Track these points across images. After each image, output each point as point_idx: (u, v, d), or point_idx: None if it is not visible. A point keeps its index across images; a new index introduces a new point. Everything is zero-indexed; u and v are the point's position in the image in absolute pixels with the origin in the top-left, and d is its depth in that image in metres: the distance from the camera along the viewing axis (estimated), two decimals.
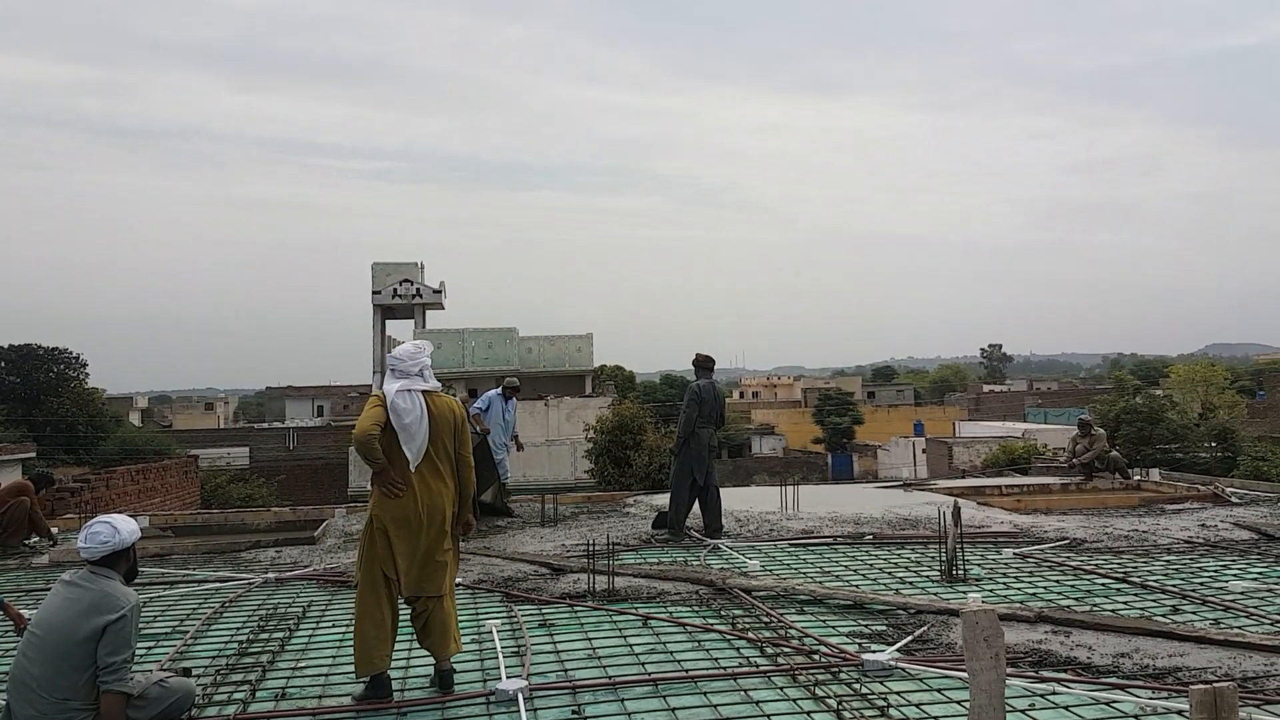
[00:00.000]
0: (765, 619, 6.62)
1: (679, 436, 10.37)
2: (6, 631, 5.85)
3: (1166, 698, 4.85)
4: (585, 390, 40.66)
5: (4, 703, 4.62)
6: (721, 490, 11.17)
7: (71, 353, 56.53)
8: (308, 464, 45.42)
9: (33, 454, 41.84)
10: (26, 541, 10.96)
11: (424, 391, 5.35)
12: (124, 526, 4.85)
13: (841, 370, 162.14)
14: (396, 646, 5.32)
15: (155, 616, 7.38)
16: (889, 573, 8.28)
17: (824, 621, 6.62)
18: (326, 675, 5.73)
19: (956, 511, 8.25)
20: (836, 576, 8.17)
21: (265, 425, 64.09)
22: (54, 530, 11.73)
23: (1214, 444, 32.70)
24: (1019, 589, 7.55)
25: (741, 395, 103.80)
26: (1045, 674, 5.28)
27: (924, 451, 57.11)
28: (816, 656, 5.70)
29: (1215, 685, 2.96)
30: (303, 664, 5.97)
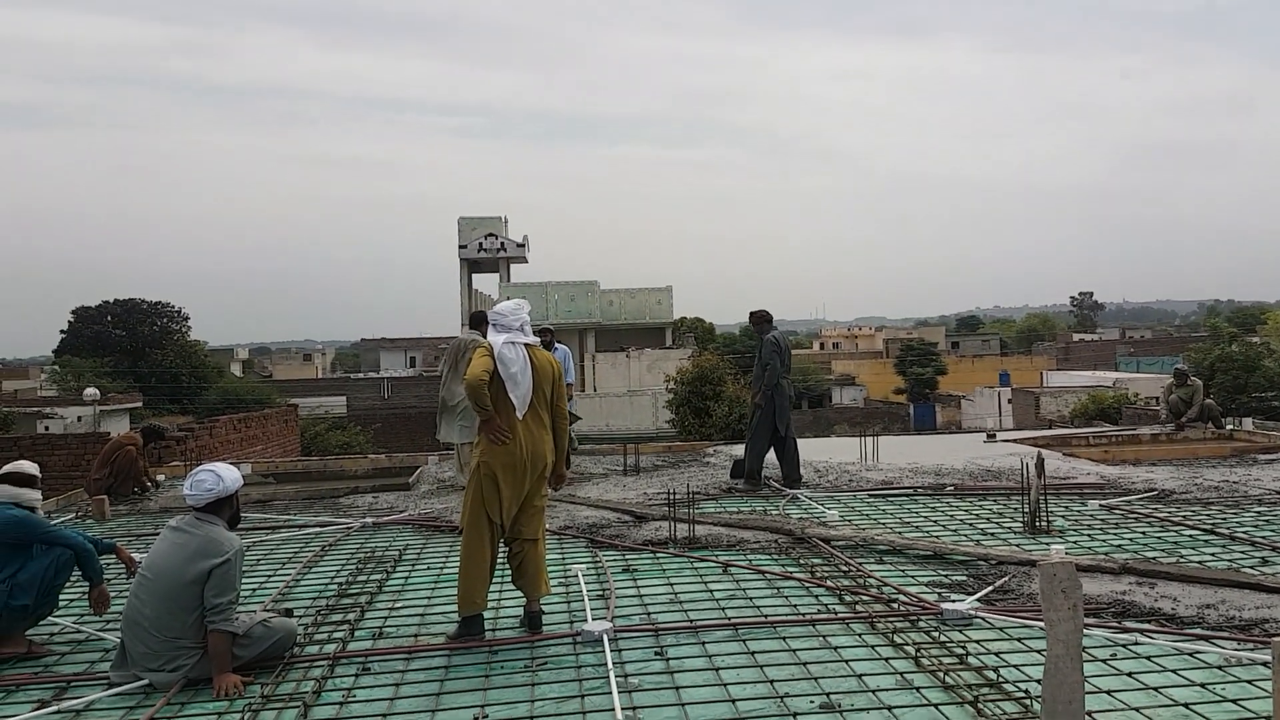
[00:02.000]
0: (844, 568, 6.70)
1: (764, 388, 10.36)
2: (121, 574, 6.25)
3: (1252, 649, 4.81)
4: (665, 342, 40.86)
5: (119, 639, 4.97)
6: (801, 441, 11.20)
7: (174, 307, 58.68)
8: (402, 412, 46.62)
9: (139, 404, 43.78)
10: (135, 490, 11.54)
11: (526, 345, 5.57)
12: (227, 475, 5.12)
13: (925, 320, 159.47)
14: (490, 588, 5.56)
15: (258, 560, 7.77)
16: (970, 524, 8.27)
17: (903, 571, 6.67)
18: (422, 614, 6.01)
19: (1040, 462, 8.18)
20: (916, 527, 8.19)
21: (361, 375, 65.89)
22: (159, 478, 12.31)
23: None
24: (1103, 541, 7.49)
25: (822, 346, 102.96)
26: (1128, 624, 5.28)
27: (1009, 402, 56.02)
28: (895, 605, 5.77)
29: None
30: (399, 604, 6.26)
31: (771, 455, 10.53)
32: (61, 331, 59.51)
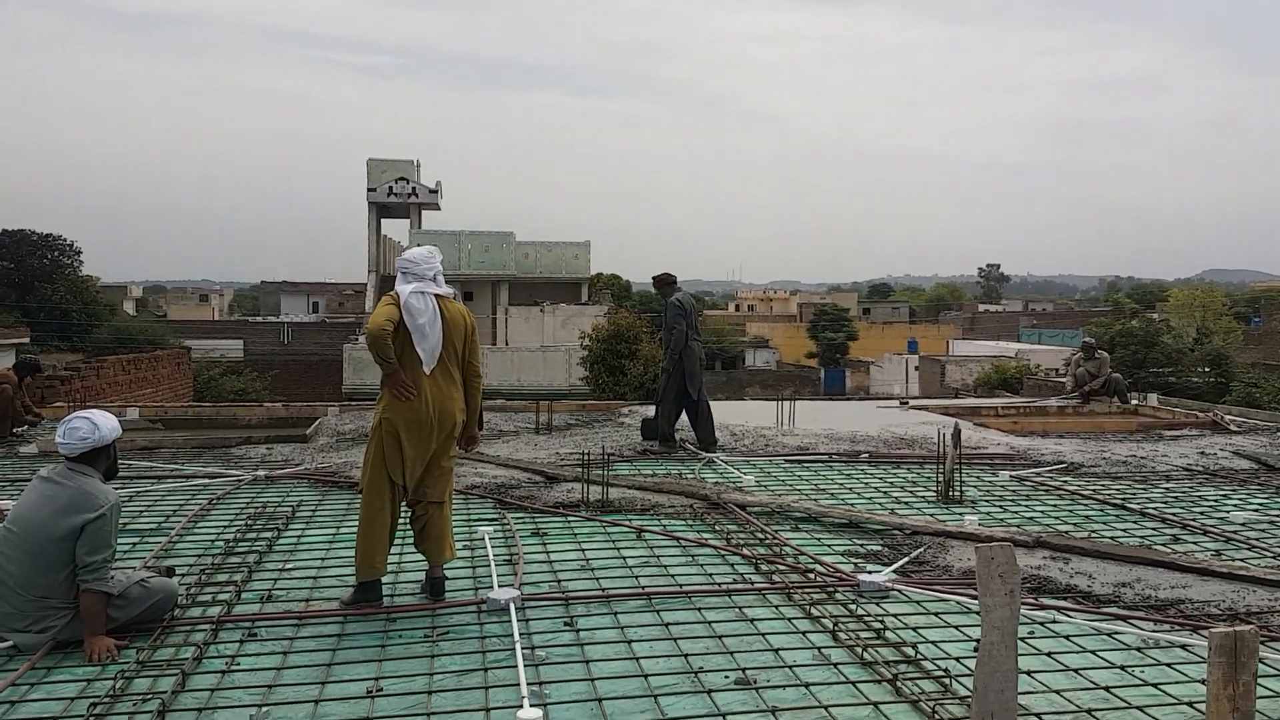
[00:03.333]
0: (760, 535, 6.54)
1: (671, 352, 10.17)
2: None
3: (1169, 630, 4.78)
4: (581, 298, 40.43)
5: None
6: (715, 404, 11.05)
7: (65, 239, 55.96)
8: (302, 359, 45.27)
9: (26, 339, 41.73)
10: (14, 431, 10.85)
11: (436, 295, 5.21)
12: (104, 423, 4.70)
13: (838, 286, 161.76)
14: (390, 551, 5.24)
15: (140, 512, 7.29)
16: (885, 492, 8.21)
17: (819, 540, 6.55)
18: (315, 577, 5.65)
19: (957, 433, 8.14)
20: (832, 494, 8.10)
21: (260, 319, 63.94)
22: (42, 416, 11.62)
23: (1208, 369, 32.79)
24: (1016, 512, 7.48)
25: (737, 308, 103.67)
26: (1045, 601, 5.22)
27: (916, 369, 57.26)
28: (812, 575, 5.63)
29: (1236, 628, 2.84)
30: (290, 565, 5.89)
31: (685, 420, 10.35)
32: None
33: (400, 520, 5.28)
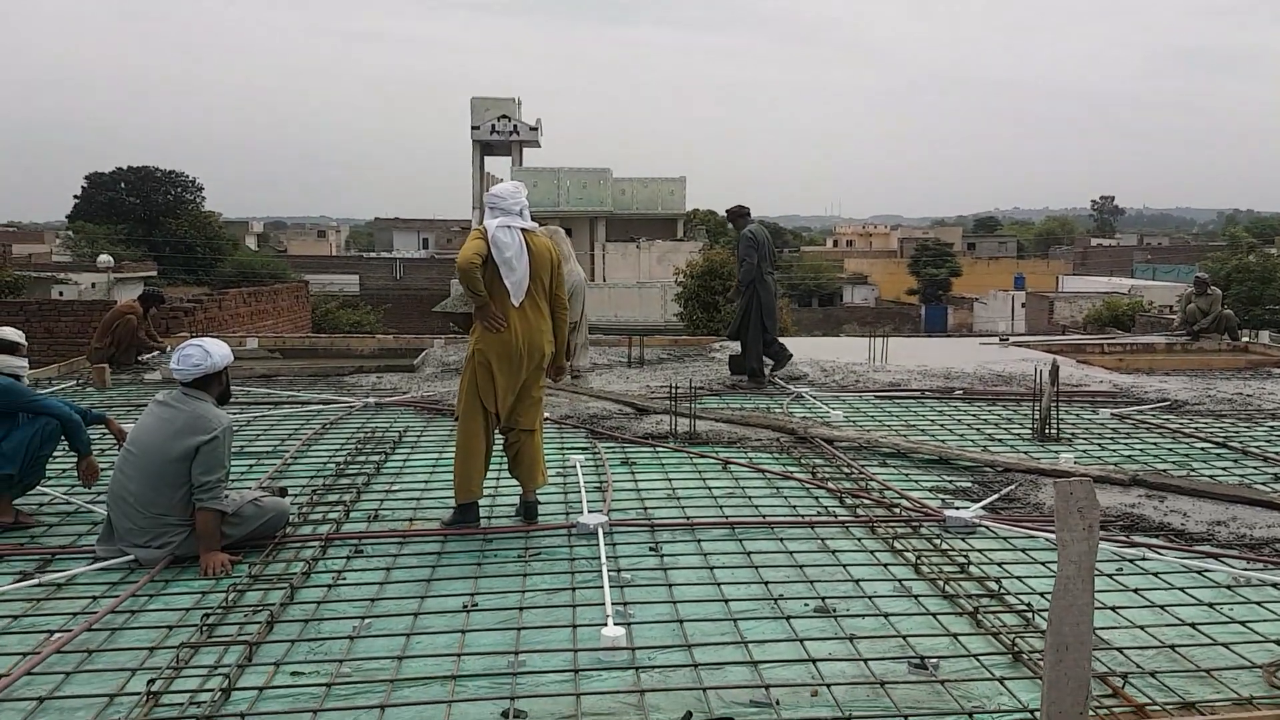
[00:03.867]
0: (846, 470, 6.59)
1: (742, 284, 10.16)
2: (112, 446, 6.16)
3: (1262, 569, 4.70)
4: (677, 234, 40.30)
5: (106, 514, 4.89)
6: (808, 339, 11.05)
7: (188, 176, 58.08)
8: (414, 294, 46.47)
9: (154, 273, 43.71)
10: (139, 358, 11.48)
11: (523, 230, 5.34)
12: (216, 350, 4.96)
13: (942, 220, 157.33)
14: (487, 476, 5.46)
15: (256, 436, 7.70)
16: (978, 429, 8.14)
17: (907, 475, 6.56)
18: (418, 499, 5.93)
19: (1054, 370, 7.99)
20: (922, 431, 8.06)
21: (374, 255, 65.60)
22: (165, 345, 12.27)
23: None
24: (1114, 451, 7.35)
25: (835, 244, 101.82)
26: (1136, 539, 5.16)
27: (1023, 306, 55.66)
28: (897, 510, 5.67)
29: None
30: (396, 488, 6.19)
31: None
32: (75, 197, 59.10)
33: (496, 446, 5.50)
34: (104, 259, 38.46)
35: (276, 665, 3.63)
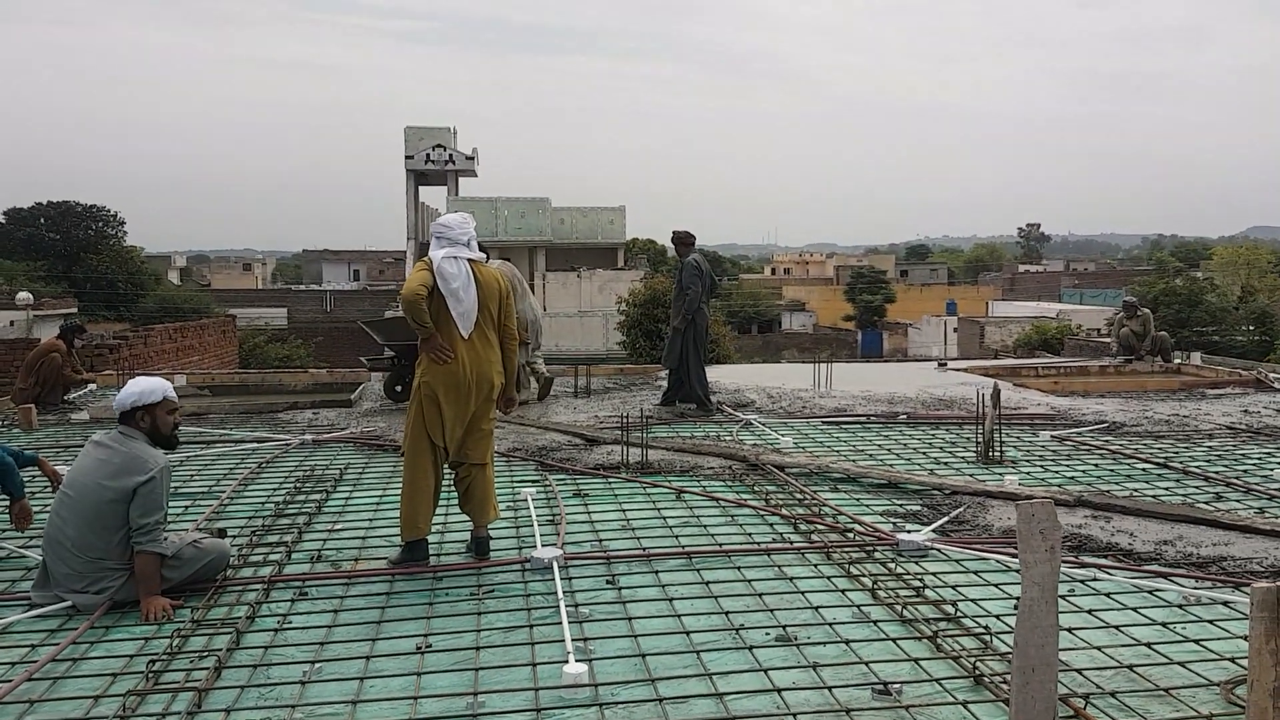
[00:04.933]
0: (799, 496, 6.59)
1: (684, 313, 10.18)
2: (45, 488, 5.92)
3: (1211, 587, 4.77)
4: (618, 263, 40.47)
5: (41, 559, 4.69)
6: (750, 366, 11.09)
7: (109, 210, 56.71)
8: (345, 326, 45.80)
9: (74, 309, 42.47)
10: (65, 398, 11.11)
11: (470, 260, 5.27)
12: (149, 386, 4.86)
13: (875, 248, 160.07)
14: (435, 512, 5.35)
15: (191, 476, 7.47)
16: (924, 453, 8.21)
17: (858, 500, 6.58)
18: (363, 538, 5.78)
19: (996, 393, 8.11)
20: (870, 455, 8.10)
21: (303, 287, 64.68)
22: (89, 380, 11.88)
23: (1252, 328, 32.26)
24: (1057, 472, 7.46)
25: (773, 271, 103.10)
26: (1085, 559, 5.22)
27: (955, 331, 56.73)
28: (851, 535, 5.67)
29: (1278, 584, 2.84)
30: (339, 527, 6.03)
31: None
32: None
33: (445, 481, 5.39)
34: (23, 296, 37.27)
35: (227, 712, 3.50)
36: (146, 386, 4.85)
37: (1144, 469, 7.56)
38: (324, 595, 4.78)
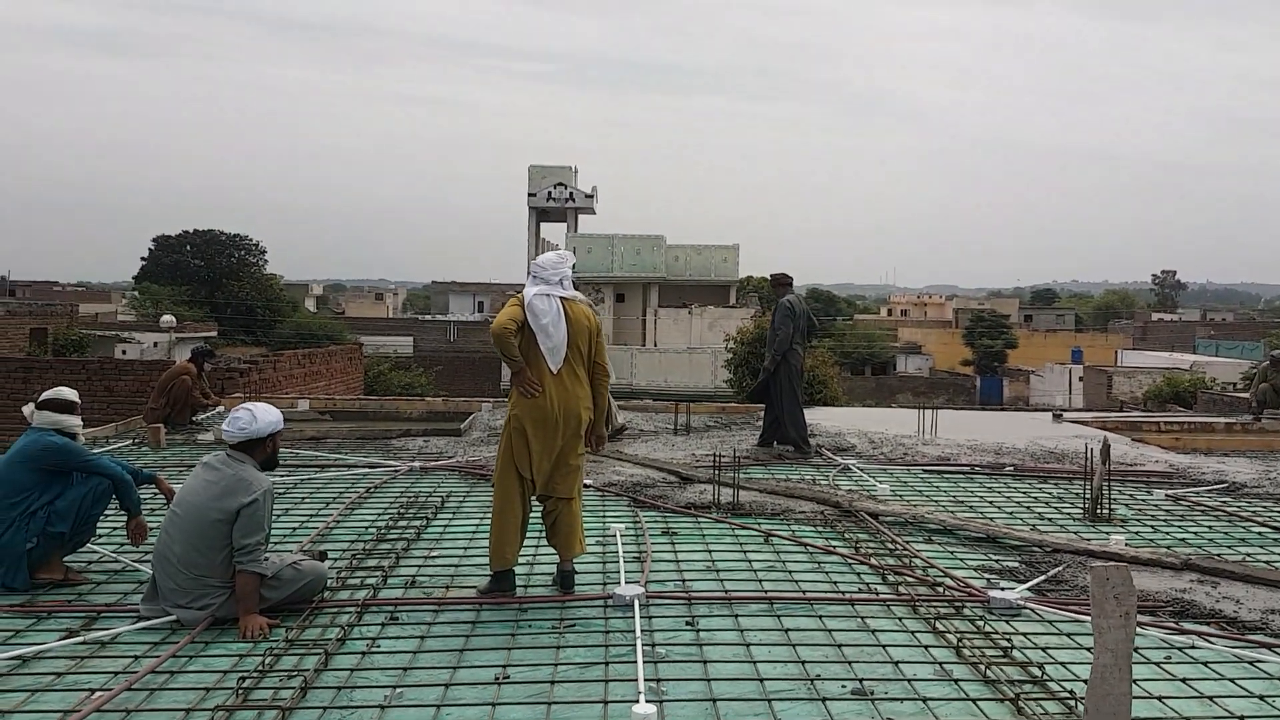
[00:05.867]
0: (890, 545, 6.49)
1: (773, 354, 10.20)
2: (162, 505, 6.28)
3: None
4: (730, 301, 40.52)
5: (150, 573, 4.99)
6: (860, 409, 10.96)
7: (251, 239, 59.64)
8: (467, 356, 47.15)
9: (214, 333, 44.79)
10: (193, 419, 11.73)
11: (562, 298, 5.41)
12: (263, 416, 5.07)
13: (998, 291, 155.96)
14: (524, 544, 5.47)
15: (302, 499, 7.81)
16: (1027, 507, 7.98)
17: (952, 553, 6.45)
18: (456, 566, 5.95)
19: (1105, 448, 7.84)
20: (970, 507, 7.93)
21: (429, 317, 66.79)
22: (220, 404, 12.52)
23: None
24: (1167, 533, 7.16)
25: (890, 312, 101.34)
26: (1186, 626, 5.01)
27: (1081, 380, 54.74)
28: (940, 589, 5.56)
29: None
30: (435, 554, 6.22)
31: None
32: (142, 258, 60.97)
33: (536, 513, 5.51)
34: (166, 319, 39.45)
35: None
36: (275, 417, 5.12)
37: (1260, 533, 7.19)
38: (413, 621, 4.95)
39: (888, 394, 53.87)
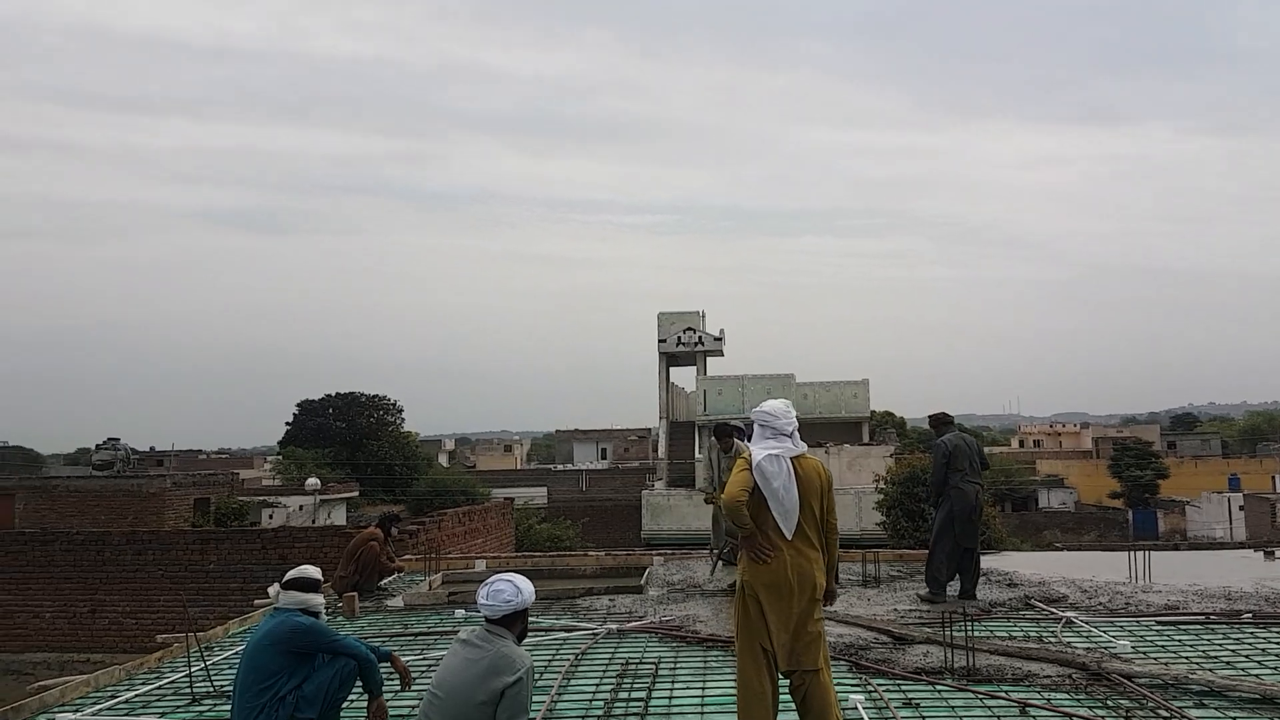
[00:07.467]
0: (1163, 714, 5.96)
1: (933, 492, 9.97)
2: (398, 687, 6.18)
3: None
4: (861, 437, 39.83)
5: None
6: (1047, 553, 10.38)
7: (389, 399, 61.62)
8: (599, 505, 47.23)
9: (356, 493, 45.96)
10: (380, 584, 11.81)
11: (792, 457, 5.20)
12: (526, 587, 4.92)
13: (1133, 417, 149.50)
14: None
15: None
16: None
17: (1230, 718, 5.88)
18: None
19: None
20: (1226, 663, 7.28)
21: (560, 467, 67.55)
22: (402, 568, 12.63)
23: None
24: None
25: (1021, 444, 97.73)
26: None
27: (1242, 509, 51.56)
28: None
29: None
30: None
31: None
32: (286, 423, 63.48)
33: (783, 690, 5.20)
34: (312, 482, 40.74)
35: None
36: (527, 590, 4.94)
37: None
38: None
39: (1033, 531, 51.41)
